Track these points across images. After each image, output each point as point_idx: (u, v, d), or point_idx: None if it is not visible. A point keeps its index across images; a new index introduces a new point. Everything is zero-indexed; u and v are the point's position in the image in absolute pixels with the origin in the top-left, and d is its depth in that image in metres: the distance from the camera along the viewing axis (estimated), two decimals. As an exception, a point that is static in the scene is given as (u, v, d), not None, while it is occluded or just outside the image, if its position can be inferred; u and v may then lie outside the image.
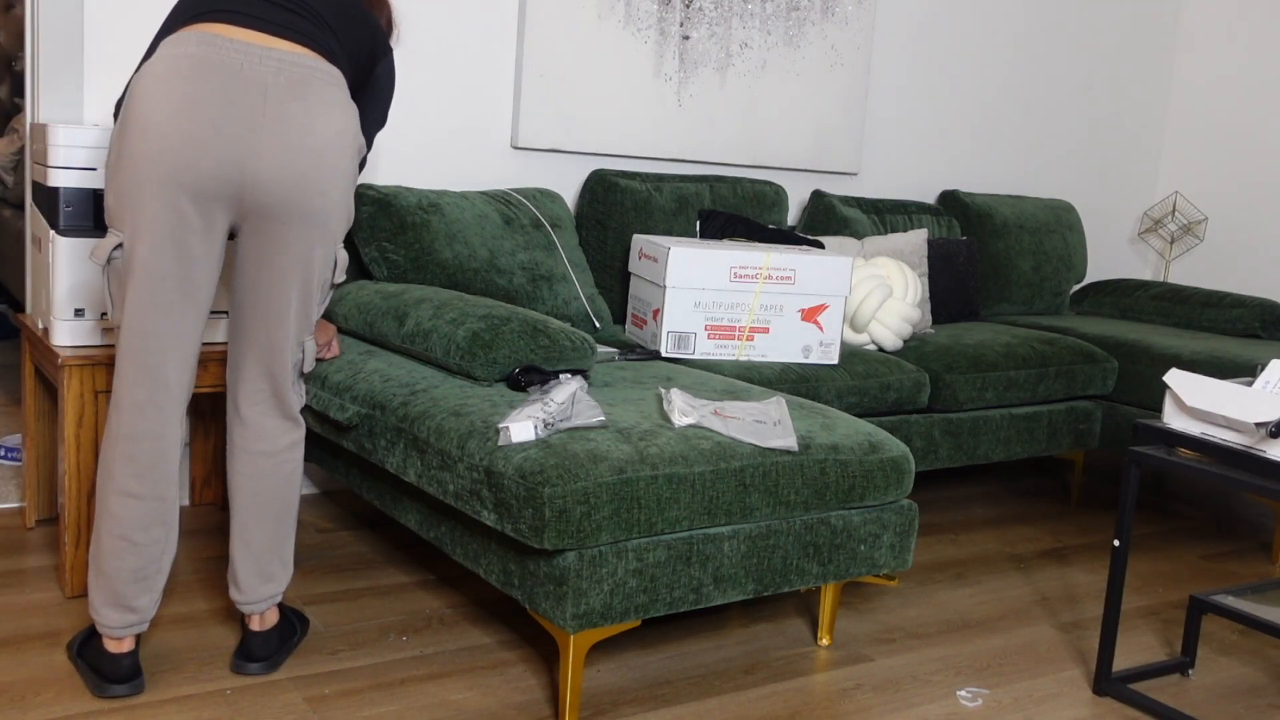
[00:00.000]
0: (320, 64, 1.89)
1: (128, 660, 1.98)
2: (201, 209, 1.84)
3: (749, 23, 3.64)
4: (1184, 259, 4.90)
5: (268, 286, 1.96)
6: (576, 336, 2.33)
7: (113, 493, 1.90)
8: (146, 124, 1.80)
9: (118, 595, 1.93)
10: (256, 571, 2.08)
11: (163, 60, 1.82)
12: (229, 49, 1.82)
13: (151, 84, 1.81)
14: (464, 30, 3.22)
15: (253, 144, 1.82)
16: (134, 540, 1.91)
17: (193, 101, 1.79)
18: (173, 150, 1.78)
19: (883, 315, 3.16)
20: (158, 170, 1.79)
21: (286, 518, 2.10)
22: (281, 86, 1.83)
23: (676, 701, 2.11)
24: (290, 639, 2.18)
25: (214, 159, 1.80)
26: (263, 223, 1.90)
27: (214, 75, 1.80)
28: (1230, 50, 4.74)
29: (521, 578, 1.97)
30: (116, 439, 1.90)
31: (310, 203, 1.90)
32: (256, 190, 1.85)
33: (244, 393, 2.03)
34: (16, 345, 4.60)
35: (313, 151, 1.86)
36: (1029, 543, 3.24)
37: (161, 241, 1.83)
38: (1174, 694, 2.32)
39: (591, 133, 3.42)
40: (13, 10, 5.10)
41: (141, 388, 1.88)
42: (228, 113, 1.80)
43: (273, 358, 2.00)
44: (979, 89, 4.37)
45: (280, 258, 1.93)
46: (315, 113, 1.86)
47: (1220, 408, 2.07)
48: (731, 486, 2.02)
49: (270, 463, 2.05)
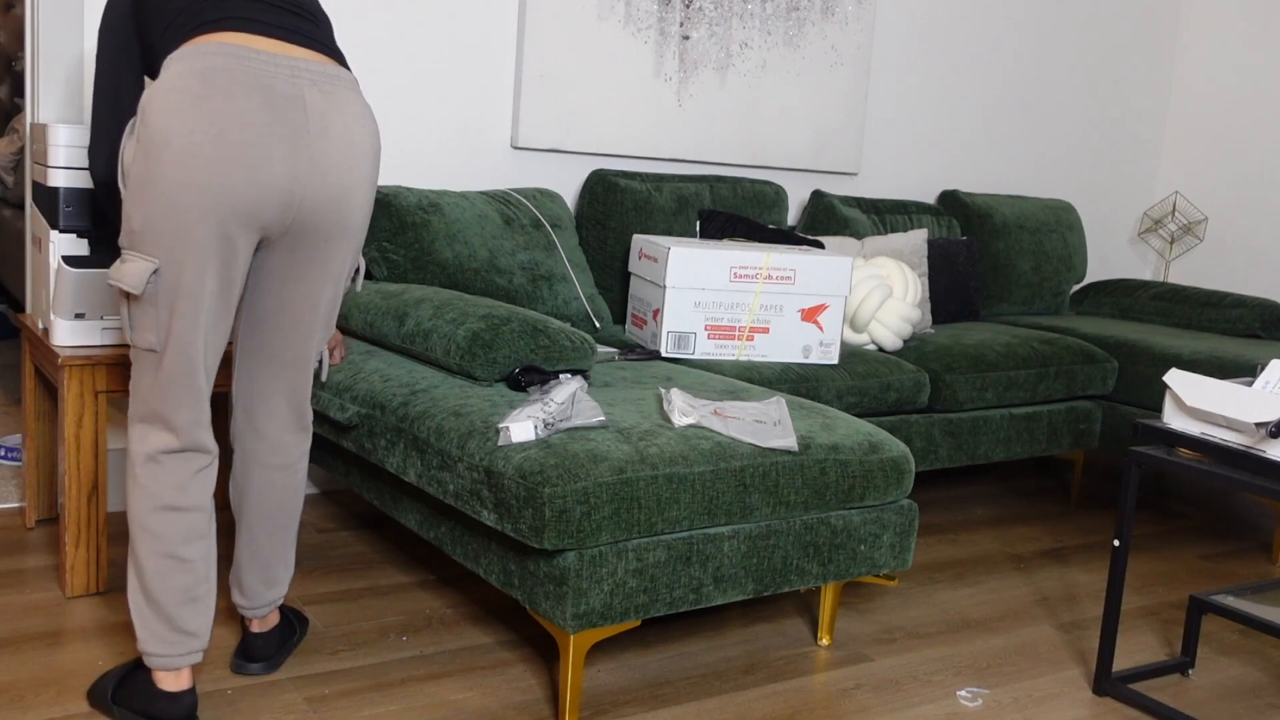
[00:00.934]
0: (341, 71, 1.83)
1: (188, 699, 1.84)
2: (247, 232, 1.76)
3: (749, 23, 3.64)
4: (1184, 259, 4.90)
5: (300, 302, 1.90)
6: (576, 336, 2.33)
7: (153, 511, 1.80)
8: (186, 147, 1.69)
9: (170, 620, 1.81)
10: (262, 578, 2.05)
11: (188, 75, 1.71)
12: (258, 62, 1.73)
13: (182, 103, 1.69)
14: (464, 30, 3.22)
15: (303, 164, 1.76)
16: (181, 556, 1.81)
17: (235, 122, 1.70)
18: (221, 176, 1.69)
19: (883, 315, 3.16)
20: (204, 197, 1.70)
21: (294, 525, 2.07)
22: (318, 100, 1.77)
23: (676, 701, 2.12)
24: (290, 639, 2.17)
25: (264, 183, 1.73)
26: (302, 239, 1.84)
27: (253, 92, 1.71)
28: (1230, 51, 4.74)
29: (521, 578, 1.97)
30: (154, 456, 1.80)
31: (352, 218, 1.86)
32: (304, 210, 1.79)
33: (262, 408, 1.97)
34: (16, 345, 4.60)
35: (353, 166, 1.82)
36: (1029, 543, 3.24)
37: (206, 267, 1.74)
38: (1174, 694, 2.32)
39: (591, 133, 3.42)
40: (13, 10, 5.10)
41: (188, 408, 1.80)
42: (275, 132, 1.72)
43: (295, 372, 1.96)
44: (979, 89, 4.37)
45: (317, 273, 1.88)
46: (352, 125, 1.82)
47: (1220, 408, 2.07)
48: (731, 486, 2.02)
49: (284, 475, 2.01)
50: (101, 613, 2.29)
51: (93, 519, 2.35)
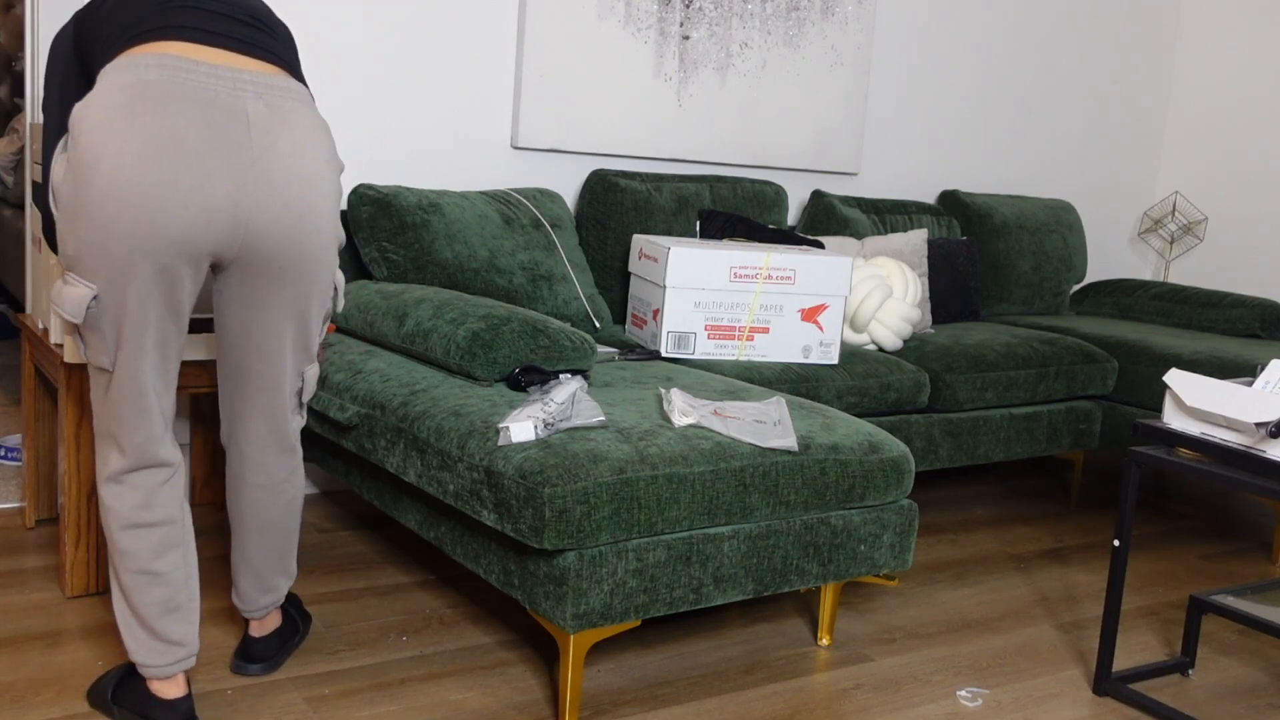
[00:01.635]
0: (291, 83, 1.71)
1: (184, 705, 1.83)
2: (192, 259, 1.66)
3: (749, 23, 3.64)
4: (1184, 259, 4.90)
5: (261, 329, 1.82)
6: (576, 336, 2.33)
7: (119, 529, 1.77)
8: (116, 170, 1.55)
9: (154, 631, 1.80)
10: (256, 585, 2.04)
11: (118, 89, 1.57)
12: (197, 73, 1.60)
13: (113, 119, 1.55)
14: (464, 30, 3.22)
15: (245, 185, 1.63)
16: (153, 571, 1.78)
17: (170, 141, 1.57)
18: (155, 201, 1.57)
19: (883, 315, 3.16)
20: (138, 226, 1.58)
21: (287, 540, 2.04)
22: (263, 115, 1.65)
23: (676, 701, 2.11)
24: (291, 639, 2.16)
25: (203, 207, 1.61)
26: (253, 266, 1.74)
27: (189, 107, 1.58)
28: (1230, 50, 4.74)
29: (521, 578, 1.97)
30: (115, 476, 1.76)
31: (307, 241, 1.74)
32: (250, 235, 1.68)
33: (242, 430, 1.93)
34: (16, 345, 4.60)
35: (306, 185, 1.70)
36: (1029, 543, 3.24)
37: (148, 296, 1.65)
38: (1174, 694, 2.32)
39: (591, 133, 3.42)
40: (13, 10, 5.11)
41: (140, 430, 1.74)
42: (213, 150, 1.59)
43: (270, 396, 1.90)
44: (979, 89, 4.37)
45: (274, 300, 1.79)
46: (301, 140, 1.69)
47: (1220, 408, 2.07)
48: (731, 486, 2.02)
49: (268, 495, 1.98)
50: (101, 613, 2.29)
51: (93, 519, 2.35)
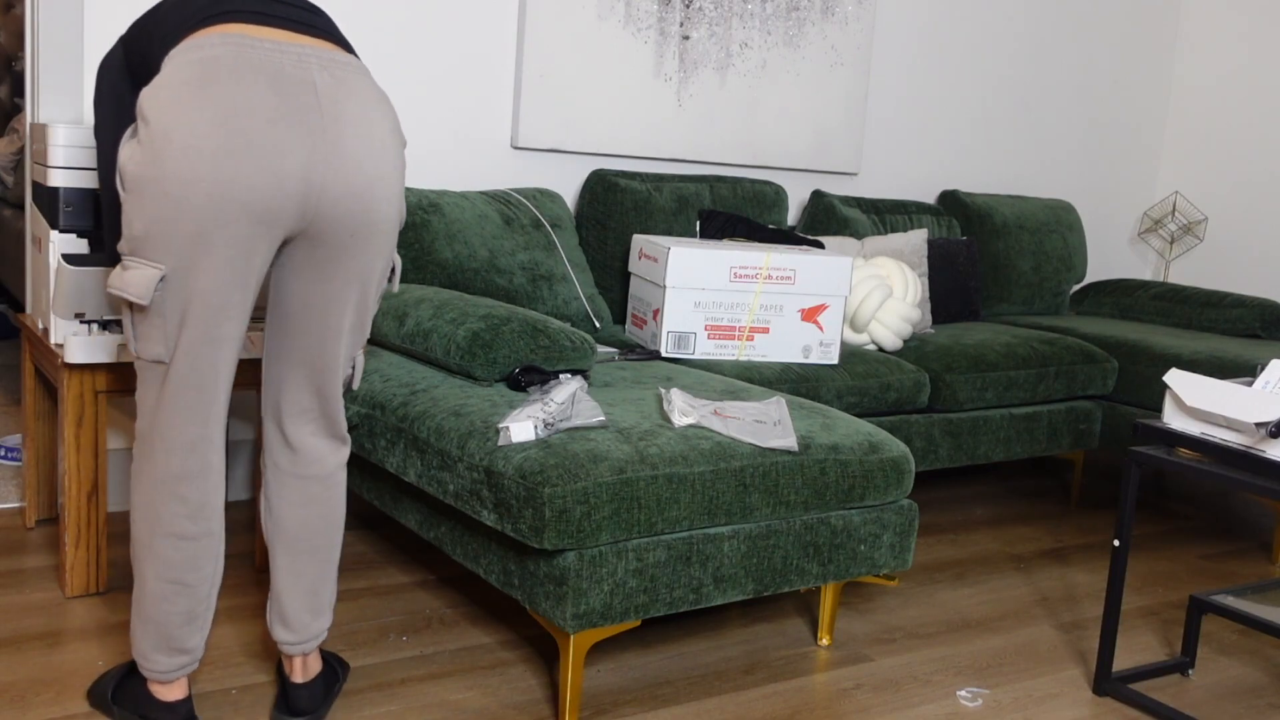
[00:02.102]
0: (352, 58, 1.71)
1: (184, 707, 1.81)
2: (264, 229, 1.63)
3: (749, 23, 3.64)
4: (1184, 259, 4.90)
5: (323, 304, 1.77)
6: (576, 336, 2.33)
7: (160, 536, 1.72)
8: (190, 140, 1.56)
9: (169, 639, 1.76)
10: (309, 606, 1.90)
11: (185, 66, 1.58)
12: (262, 49, 1.60)
13: (183, 93, 1.56)
14: (464, 30, 3.22)
15: (317, 151, 1.63)
16: (185, 582, 1.75)
17: (242, 110, 1.57)
18: (230, 169, 1.57)
19: (883, 315, 3.16)
20: (213, 194, 1.57)
21: (338, 545, 1.94)
22: (330, 85, 1.65)
23: (676, 701, 2.11)
24: (334, 686, 2.00)
25: (277, 173, 1.60)
26: (323, 235, 1.70)
27: (258, 78, 1.59)
28: (1230, 50, 4.74)
29: (521, 578, 1.97)
30: (163, 480, 1.71)
31: (378, 209, 1.72)
32: (323, 202, 1.66)
33: (291, 415, 1.84)
34: (16, 345, 4.60)
35: (376, 153, 1.70)
36: (1029, 543, 3.24)
37: (221, 272, 1.63)
38: (1174, 694, 2.32)
39: (591, 133, 3.42)
40: (13, 10, 5.11)
41: (194, 424, 1.70)
42: (284, 117, 1.59)
43: (324, 378, 1.82)
44: (979, 89, 4.37)
45: (340, 271, 1.75)
46: (368, 110, 1.69)
47: (1220, 408, 2.07)
48: (731, 486, 2.02)
49: (321, 486, 1.88)
50: (101, 613, 2.29)
51: (93, 519, 2.35)
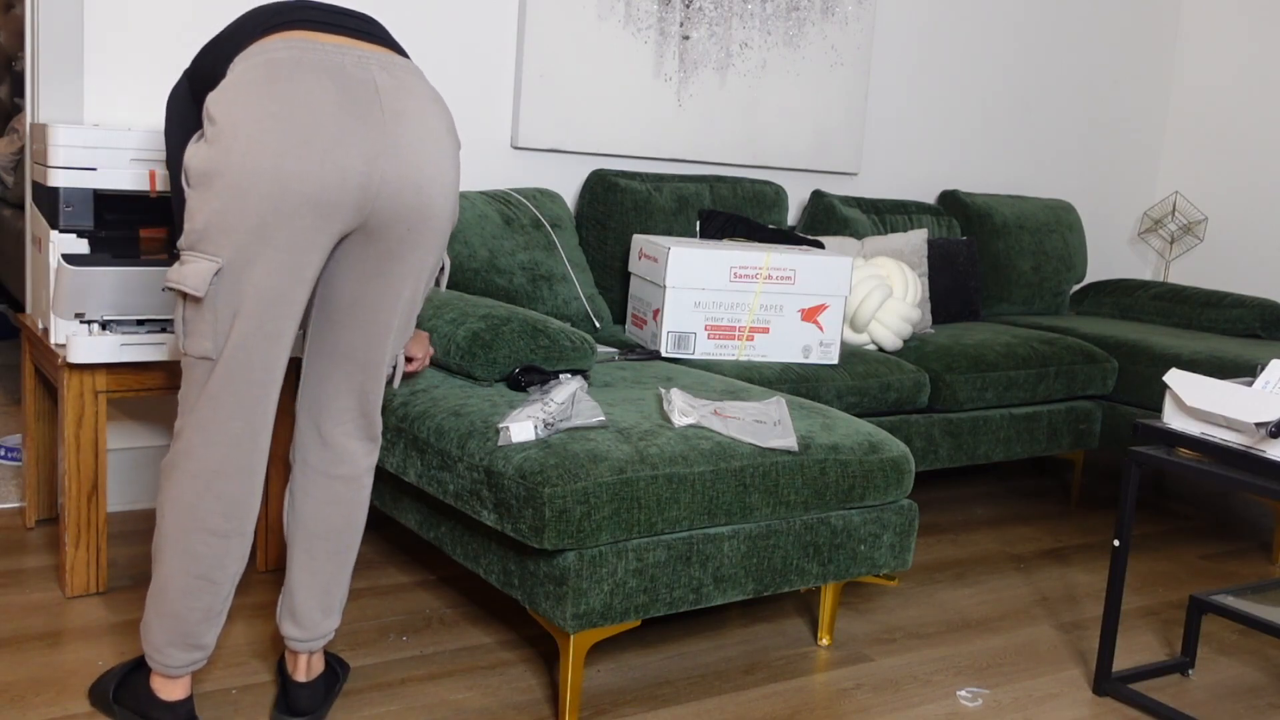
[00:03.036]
0: (409, 61, 1.76)
1: (185, 707, 1.81)
2: (325, 223, 1.65)
3: (749, 23, 3.64)
4: (1184, 259, 4.90)
5: (374, 300, 1.78)
6: (576, 336, 2.33)
7: (196, 531, 1.72)
8: (255, 133, 1.59)
9: (186, 635, 1.77)
10: (321, 605, 1.91)
11: (250, 69, 1.62)
12: (323, 51, 1.65)
13: (248, 91, 1.60)
14: (464, 30, 3.22)
15: (379, 144, 1.66)
16: (213, 579, 1.75)
17: (305, 105, 1.60)
18: (293, 161, 1.60)
19: (883, 315, 3.16)
20: (275, 185, 1.60)
21: (356, 546, 1.94)
22: (390, 85, 1.68)
23: (676, 701, 2.11)
24: (335, 687, 2.01)
25: (340, 166, 1.63)
26: (380, 230, 1.72)
27: (321, 76, 1.62)
28: (1230, 50, 4.74)
29: (521, 578, 1.97)
30: (205, 475, 1.71)
31: (434, 205, 1.74)
32: (383, 195, 1.68)
33: (329, 413, 1.84)
34: (16, 345, 4.60)
35: (435, 150, 1.72)
36: (1029, 543, 3.24)
37: (280, 264, 1.64)
38: (1174, 694, 2.32)
39: (591, 133, 3.42)
40: (13, 10, 5.11)
41: (240, 420, 1.70)
42: (347, 113, 1.63)
43: (367, 376, 1.83)
44: (979, 89, 4.37)
45: (398, 268, 1.76)
46: (426, 108, 1.72)
47: (1220, 408, 2.07)
48: (731, 486, 2.02)
49: (350, 488, 1.88)
50: (101, 613, 2.29)
51: (93, 519, 2.35)
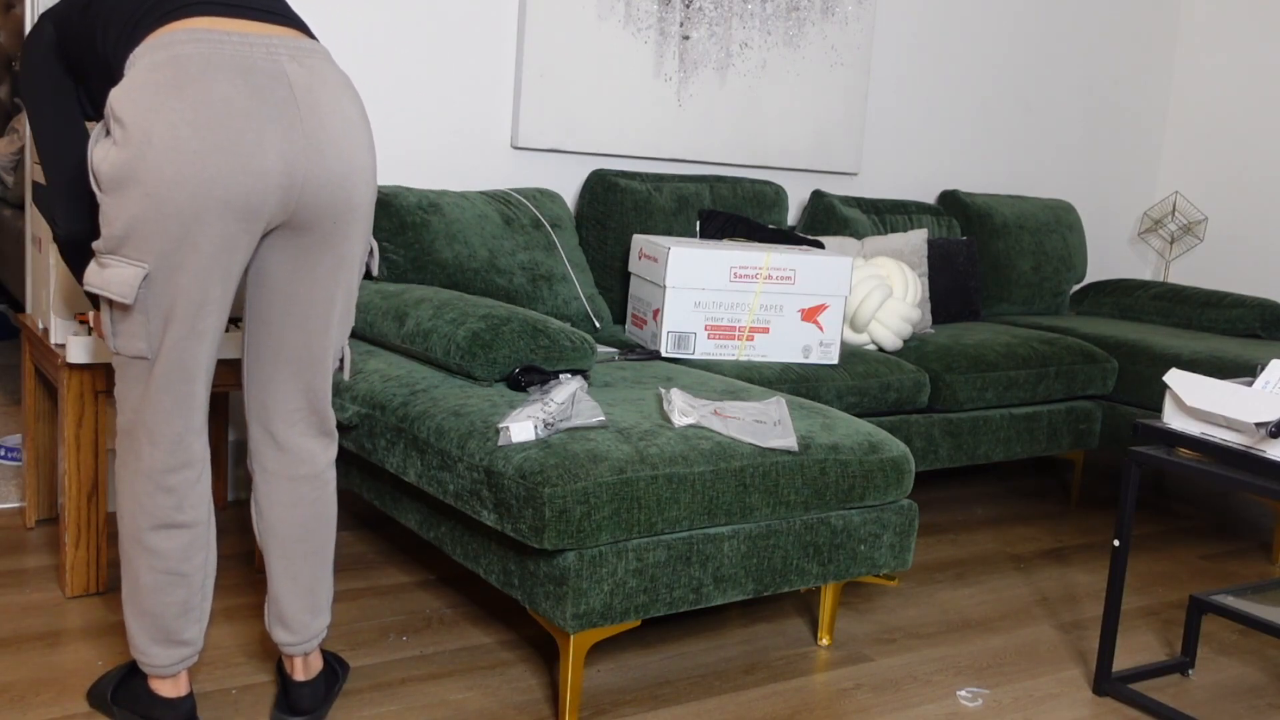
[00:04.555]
0: (316, 44, 1.73)
1: (185, 705, 1.81)
2: (248, 224, 1.64)
3: (749, 23, 3.64)
4: (1184, 259, 4.90)
5: (308, 295, 1.77)
6: (576, 336, 2.33)
7: (150, 529, 1.72)
8: (171, 141, 1.56)
9: (166, 631, 1.76)
10: (307, 607, 1.90)
11: (156, 68, 1.59)
12: (231, 43, 1.61)
13: (158, 95, 1.57)
14: (464, 30, 3.22)
15: (296, 143, 1.64)
16: (181, 572, 1.75)
17: (220, 107, 1.58)
18: (212, 168, 1.58)
19: (883, 315, 3.16)
20: (197, 193, 1.58)
21: (330, 544, 1.93)
22: (302, 75, 1.66)
23: (676, 701, 2.12)
24: (335, 686, 2.00)
25: (260, 170, 1.61)
26: (306, 224, 1.71)
27: (231, 74, 1.60)
28: (1230, 50, 4.74)
29: (521, 578, 1.97)
30: (150, 474, 1.71)
31: (357, 195, 1.73)
32: (306, 193, 1.67)
33: (280, 415, 1.83)
34: (16, 345, 4.60)
35: (352, 139, 1.71)
36: (1029, 543, 3.24)
37: (206, 269, 1.63)
38: (1174, 694, 2.32)
39: (591, 133, 3.42)
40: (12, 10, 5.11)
41: (179, 419, 1.71)
42: (262, 112, 1.61)
43: (314, 373, 1.82)
44: (979, 89, 4.37)
45: (330, 259, 1.75)
46: (339, 96, 1.70)
47: (1220, 408, 2.07)
48: (731, 486, 2.02)
49: (313, 486, 1.87)
50: (101, 613, 2.29)
51: (93, 519, 2.35)
